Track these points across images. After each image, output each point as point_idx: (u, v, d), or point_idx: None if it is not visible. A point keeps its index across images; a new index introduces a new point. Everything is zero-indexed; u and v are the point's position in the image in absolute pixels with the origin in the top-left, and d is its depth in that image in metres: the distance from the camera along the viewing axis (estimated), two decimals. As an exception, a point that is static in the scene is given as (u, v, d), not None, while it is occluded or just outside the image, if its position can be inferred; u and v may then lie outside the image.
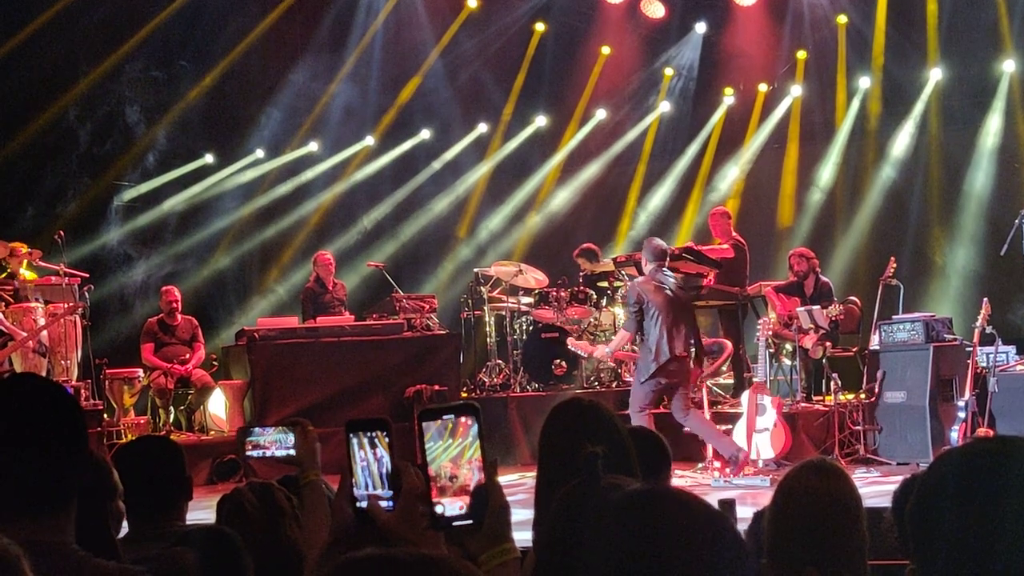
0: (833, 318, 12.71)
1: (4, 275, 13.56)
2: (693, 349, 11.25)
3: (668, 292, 11.16)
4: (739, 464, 10.85)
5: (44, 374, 12.92)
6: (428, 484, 2.26)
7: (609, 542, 2.25)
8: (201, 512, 4.67)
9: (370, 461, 2.37)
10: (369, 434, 2.38)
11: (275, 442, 3.48)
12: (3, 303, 13.05)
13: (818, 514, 3.51)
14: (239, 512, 3.78)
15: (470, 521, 2.27)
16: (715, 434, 11.23)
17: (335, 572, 1.68)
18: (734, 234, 14.45)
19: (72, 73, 16.38)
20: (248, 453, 3.50)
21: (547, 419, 3.65)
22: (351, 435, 2.38)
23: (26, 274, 13.57)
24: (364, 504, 2.35)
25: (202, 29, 17.60)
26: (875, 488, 9.87)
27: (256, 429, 3.52)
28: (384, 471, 2.34)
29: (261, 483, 3.92)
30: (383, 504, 2.35)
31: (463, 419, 2.28)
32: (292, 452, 3.47)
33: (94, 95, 16.70)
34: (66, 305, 13.30)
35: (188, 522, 4.34)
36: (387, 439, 2.39)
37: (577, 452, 2.82)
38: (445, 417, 2.28)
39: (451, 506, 2.27)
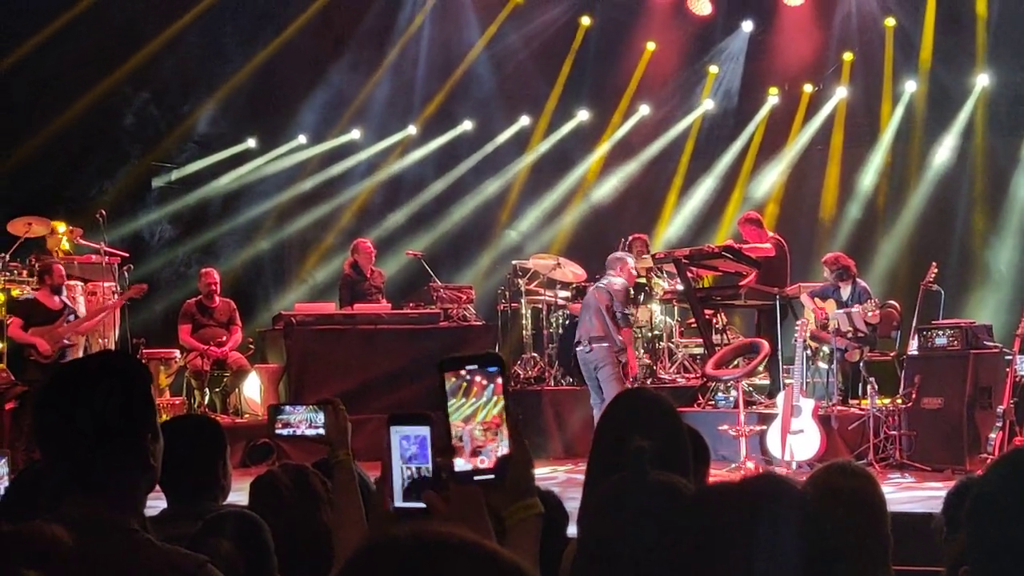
0: (870, 316, 12.60)
1: (43, 252, 13.66)
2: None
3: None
4: None
5: (82, 353, 13.03)
6: (449, 437, 2.22)
7: (660, 540, 2.25)
8: (233, 495, 4.66)
9: (410, 459, 2.32)
10: (411, 428, 2.34)
11: (305, 420, 3.47)
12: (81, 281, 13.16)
13: (842, 514, 3.49)
14: (273, 495, 3.78)
15: (492, 476, 2.23)
16: None
17: (368, 555, 1.54)
18: (771, 234, 14.36)
19: (115, 56, 16.42)
20: (278, 431, 3.49)
21: (607, 407, 3.62)
22: (392, 428, 2.34)
23: (68, 249, 13.69)
24: (406, 496, 2.31)
25: (249, 13, 17.64)
26: (909, 494, 9.81)
27: (287, 407, 3.51)
28: (424, 472, 2.30)
29: (296, 466, 3.91)
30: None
31: (479, 378, 2.23)
32: (322, 431, 3.46)
33: (138, 76, 16.74)
34: (106, 284, 13.37)
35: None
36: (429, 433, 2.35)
37: (628, 444, 2.80)
38: (468, 367, 2.24)
39: (463, 466, 2.23)
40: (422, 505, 2.24)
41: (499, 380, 2.21)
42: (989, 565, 1.98)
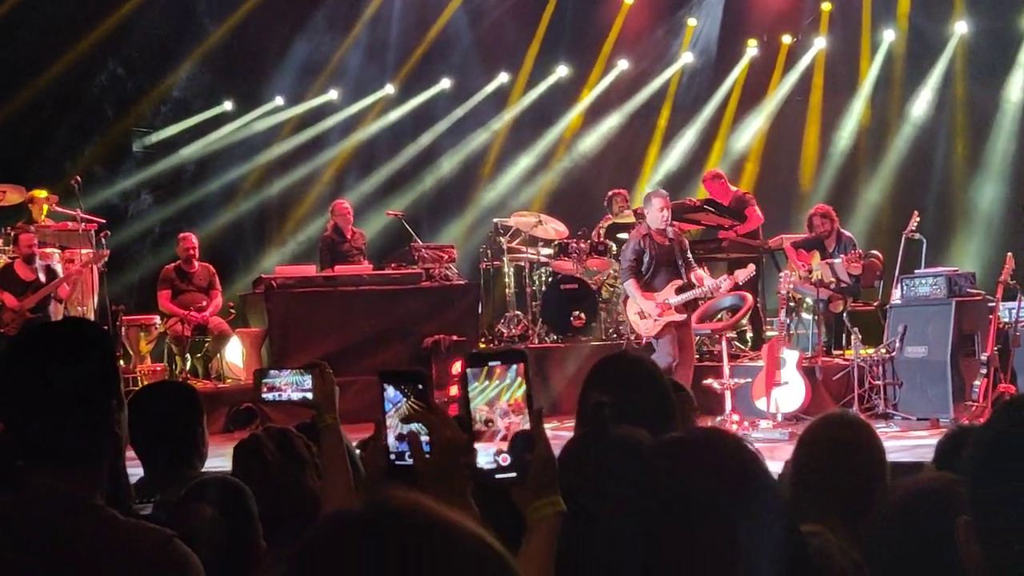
0: (853, 267, 12.59)
1: (24, 220, 13.54)
2: None
3: None
4: None
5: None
6: (471, 436, 2.19)
7: (632, 489, 2.22)
8: (217, 460, 4.62)
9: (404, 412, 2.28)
10: (403, 387, 2.30)
11: (291, 384, 3.42)
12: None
13: (841, 464, 3.47)
14: (257, 460, 3.72)
15: (514, 474, 2.20)
16: None
17: (324, 533, 1.48)
18: (734, 188, 14.41)
19: (91, 20, 16.26)
20: (263, 395, 3.44)
21: (591, 371, 3.60)
22: (385, 385, 2.30)
23: (47, 219, 13.58)
24: (400, 459, 2.27)
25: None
26: (896, 443, 9.82)
27: (272, 371, 3.46)
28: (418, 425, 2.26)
29: (279, 429, 3.85)
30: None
31: (501, 365, 2.20)
32: (309, 395, 3.41)
33: (112, 41, 16.59)
34: (83, 251, 13.28)
35: (204, 469, 4.29)
36: (423, 391, 2.31)
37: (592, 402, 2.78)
38: (491, 364, 2.21)
39: (485, 451, 2.20)
40: (411, 463, 2.21)
41: (520, 365, 2.18)
42: (992, 517, 1.94)
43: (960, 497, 2.04)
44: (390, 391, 2.29)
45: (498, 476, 2.21)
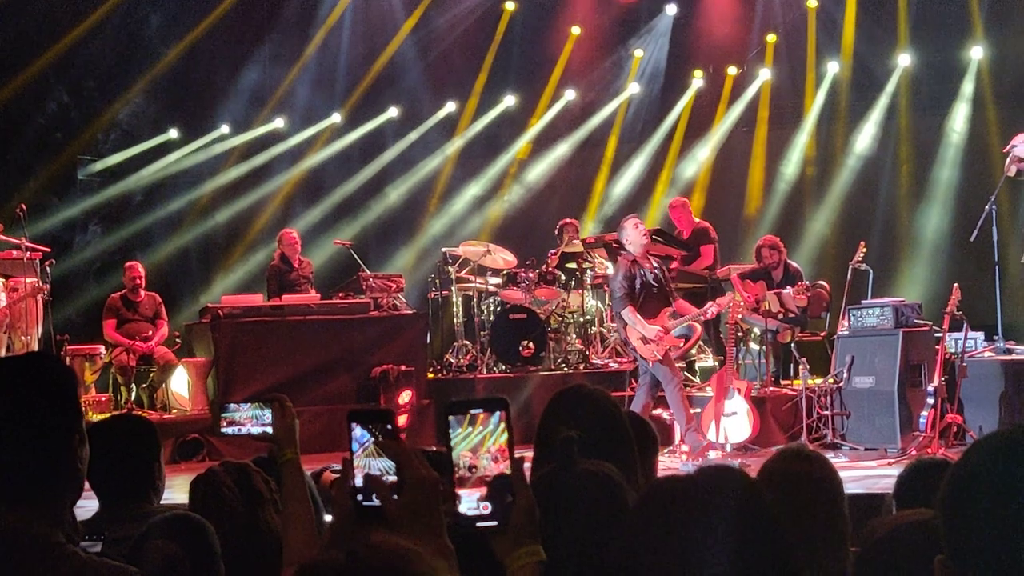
0: (799, 299, 12.65)
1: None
2: None
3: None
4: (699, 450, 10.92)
5: (3, 350, 12.79)
6: (452, 483, 2.17)
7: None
8: (166, 492, 4.54)
9: (374, 455, 2.25)
10: (371, 426, 2.26)
11: (251, 418, 3.38)
12: None
13: (800, 499, 3.47)
14: (215, 496, 3.67)
15: (495, 523, 2.18)
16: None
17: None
18: (696, 220, 14.50)
19: (37, 45, 16.14)
20: (223, 429, 3.40)
21: (548, 405, 3.59)
22: (352, 425, 2.26)
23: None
24: (368, 499, 2.23)
25: (167, 2, 17.42)
26: (845, 474, 9.75)
27: (231, 405, 3.42)
28: (386, 464, 2.23)
29: (237, 464, 3.81)
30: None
31: (484, 413, 2.19)
32: (269, 429, 3.37)
33: (58, 68, 16.46)
34: (27, 281, 13.12)
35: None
36: (391, 431, 2.28)
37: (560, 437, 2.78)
38: (472, 412, 2.19)
39: (469, 497, 2.18)
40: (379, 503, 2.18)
41: (503, 413, 2.17)
42: (967, 555, 1.93)
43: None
44: (357, 430, 2.25)
45: (479, 524, 2.19)
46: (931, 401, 10.74)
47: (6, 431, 2.50)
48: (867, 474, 9.93)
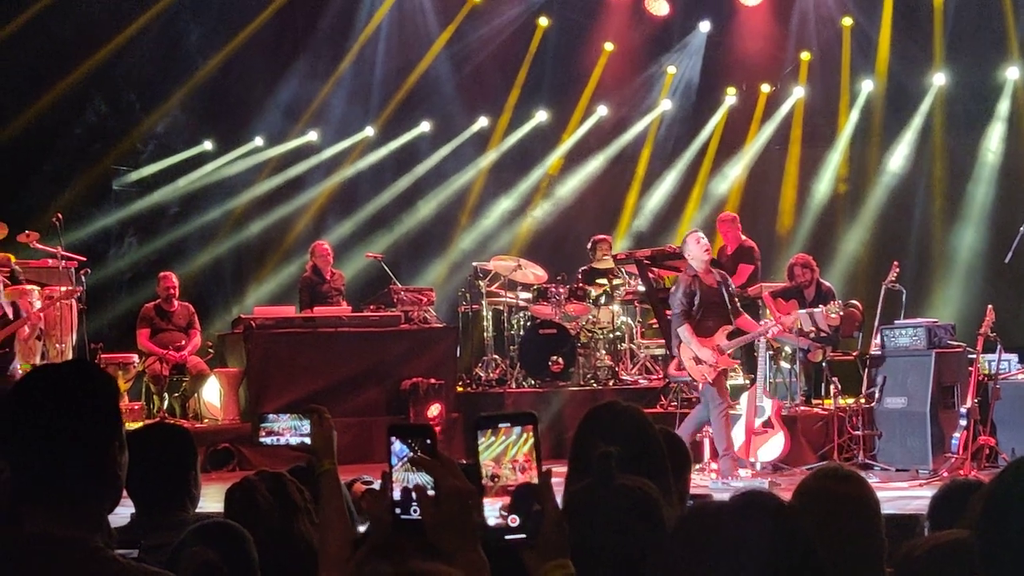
0: (832, 317, 12.57)
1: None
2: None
3: None
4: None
5: (39, 358, 12.87)
6: (482, 495, 2.18)
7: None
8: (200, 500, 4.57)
9: (413, 469, 2.26)
10: (411, 440, 2.27)
11: (290, 428, 3.40)
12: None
13: (837, 519, 3.46)
14: (251, 505, 3.69)
15: (523, 535, 2.18)
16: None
17: None
18: (743, 237, 14.39)
19: (75, 56, 16.26)
20: (262, 439, 3.42)
21: (581, 421, 3.60)
22: (392, 439, 2.28)
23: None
24: (405, 512, 2.24)
25: (206, 15, 17.52)
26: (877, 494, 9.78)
27: (270, 415, 3.44)
28: (425, 480, 2.24)
29: (272, 474, 3.83)
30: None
31: (509, 424, 2.20)
32: (307, 440, 3.39)
33: (95, 79, 16.57)
34: (62, 289, 13.21)
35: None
36: (430, 446, 2.29)
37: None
38: (500, 426, 2.20)
39: (491, 507, 2.18)
40: (418, 517, 2.19)
41: (529, 425, 2.18)
42: (1006, 572, 1.94)
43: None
44: (397, 445, 2.27)
45: (508, 537, 2.19)
46: (964, 423, 10.70)
47: (49, 436, 2.54)
48: (899, 495, 9.88)
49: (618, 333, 14.97)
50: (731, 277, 13.50)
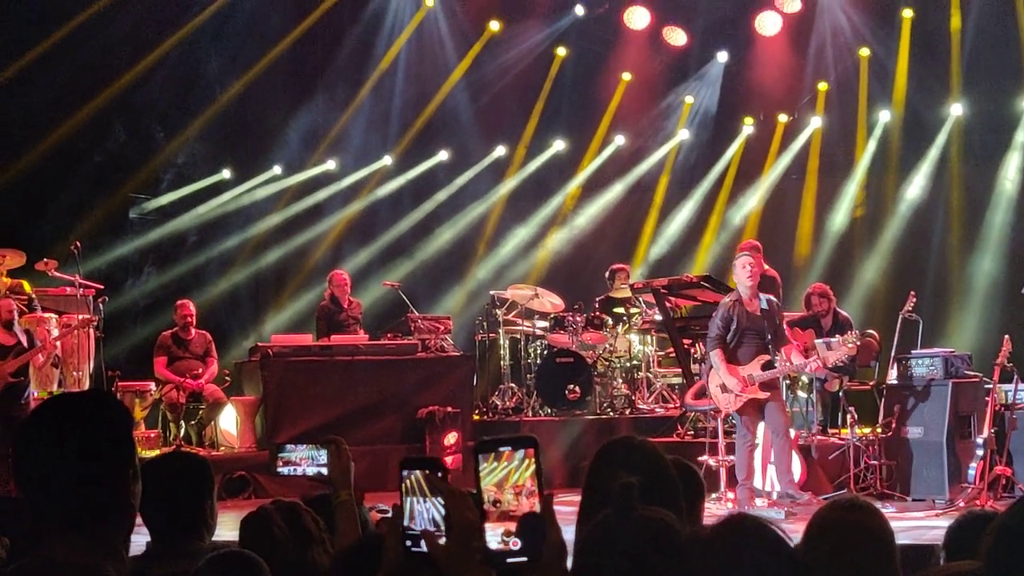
0: (850, 347, 12.50)
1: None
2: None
3: None
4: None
5: (56, 385, 12.92)
6: (483, 518, 2.19)
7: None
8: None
9: (422, 502, 2.28)
10: (423, 473, 2.30)
11: (307, 458, 3.43)
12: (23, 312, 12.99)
13: (852, 550, 3.45)
14: (265, 534, 3.71)
15: (525, 559, 2.19)
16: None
17: None
18: (766, 267, 14.30)
19: (93, 85, 16.36)
20: (279, 469, 3.46)
21: (597, 454, 3.61)
22: (405, 472, 2.30)
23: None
24: (416, 545, 2.26)
25: (225, 44, 17.62)
26: (892, 524, 9.74)
27: (288, 445, 3.47)
28: (433, 514, 2.26)
29: (288, 503, 3.85)
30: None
31: (511, 448, 2.21)
32: (323, 470, 3.41)
33: (115, 107, 16.66)
34: (80, 317, 13.27)
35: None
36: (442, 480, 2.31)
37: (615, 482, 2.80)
38: (501, 449, 2.21)
39: (493, 532, 2.19)
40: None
41: (531, 449, 2.19)
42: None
43: None
44: (410, 478, 2.29)
45: (509, 560, 2.20)
46: (980, 453, 10.68)
47: (64, 464, 2.57)
48: (915, 525, 9.87)
49: (635, 362, 14.96)
50: None
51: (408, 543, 2.25)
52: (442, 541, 2.21)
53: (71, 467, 2.57)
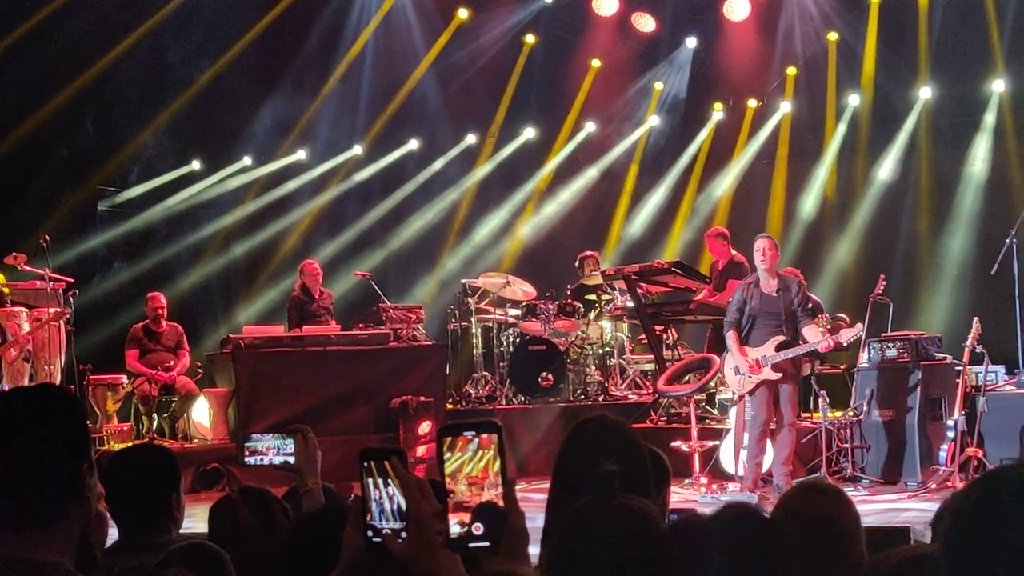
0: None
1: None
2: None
3: None
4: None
5: (27, 379, 12.84)
6: (445, 502, 2.18)
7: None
8: (185, 521, 4.56)
9: (383, 491, 2.27)
10: (382, 463, 2.28)
11: (273, 448, 3.41)
12: None
13: (816, 534, 3.46)
14: (232, 524, 3.69)
15: (487, 544, 2.18)
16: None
17: None
18: (734, 253, 14.26)
19: (61, 77, 16.25)
20: (246, 459, 3.43)
21: (570, 434, 3.59)
22: (364, 463, 2.29)
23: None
24: (378, 536, 2.25)
25: (192, 35, 17.52)
26: (865, 507, 9.78)
27: (254, 435, 3.45)
28: (397, 503, 2.24)
29: (257, 490, 3.82)
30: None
31: (469, 435, 2.20)
32: (290, 459, 3.40)
33: (82, 100, 16.55)
34: (51, 310, 13.20)
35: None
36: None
37: (596, 469, 2.79)
38: (466, 433, 2.20)
39: (453, 518, 2.18)
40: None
41: (485, 436, 2.17)
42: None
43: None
44: (370, 468, 2.28)
45: (471, 544, 2.19)
46: (951, 435, 10.73)
47: (15, 459, 2.54)
48: (886, 507, 9.91)
49: (607, 349, 14.98)
50: (720, 293, 13.48)
51: (369, 533, 2.24)
52: (404, 535, 2.20)
53: (23, 463, 2.54)
